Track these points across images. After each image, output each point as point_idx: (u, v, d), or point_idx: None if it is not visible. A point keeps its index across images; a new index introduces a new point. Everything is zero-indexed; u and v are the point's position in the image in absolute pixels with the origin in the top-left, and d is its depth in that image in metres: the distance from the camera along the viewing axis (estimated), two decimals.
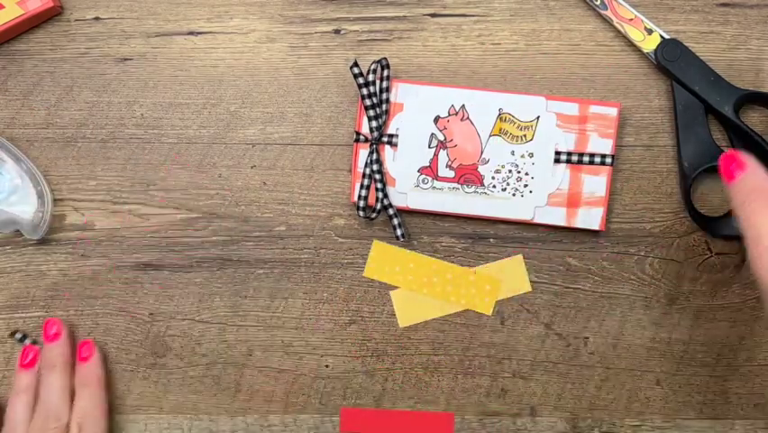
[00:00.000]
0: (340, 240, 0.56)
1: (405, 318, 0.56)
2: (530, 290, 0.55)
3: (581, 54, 0.56)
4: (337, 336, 0.56)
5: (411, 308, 0.56)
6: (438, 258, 0.55)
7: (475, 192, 0.54)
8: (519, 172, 0.54)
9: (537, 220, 0.54)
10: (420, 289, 0.55)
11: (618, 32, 0.56)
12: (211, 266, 0.56)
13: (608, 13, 0.55)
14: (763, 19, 0.56)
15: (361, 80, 0.53)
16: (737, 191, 0.41)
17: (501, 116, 0.54)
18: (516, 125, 0.54)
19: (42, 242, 0.56)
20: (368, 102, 0.53)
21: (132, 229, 0.56)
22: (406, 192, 0.54)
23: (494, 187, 0.54)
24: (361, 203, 0.54)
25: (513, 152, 0.54)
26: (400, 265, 0.55)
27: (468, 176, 0.54)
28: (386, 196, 0.54)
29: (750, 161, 0.42)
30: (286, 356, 0.56)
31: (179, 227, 0.56)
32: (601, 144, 0.54)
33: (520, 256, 0.55)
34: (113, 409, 0.56)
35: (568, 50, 0.56)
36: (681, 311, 0.56)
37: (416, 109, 0.54)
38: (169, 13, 0.56)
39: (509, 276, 0.55)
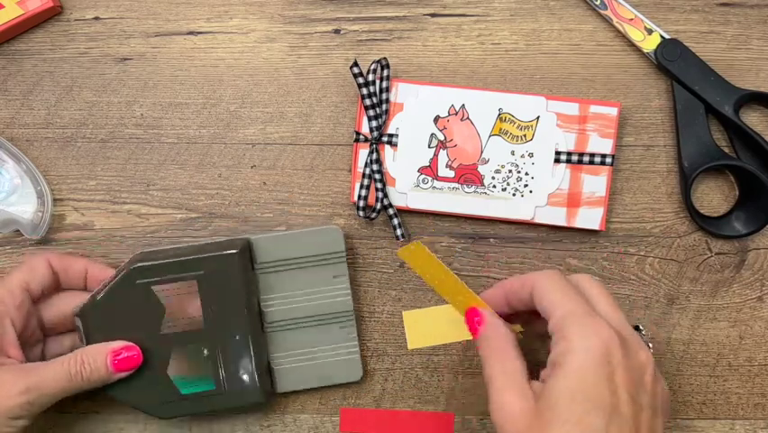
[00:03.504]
0: None
1: (415, 341, 0.55)
2: None
3: (581, 54, 0.56)
4: None
5: (423, 330, 0.55)
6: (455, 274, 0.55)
7: (475, 192, 0.54)
8: (519, 172, 0.54)
9: (537, 220, 0.54)
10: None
11: (618, 31, 0.56)
12: None
13: (607, 13, 0.55)
14: (763, 19, 0.56)
15: (360, 80, 0.53)
16: (480, 345, 0.44)
17: (501, 116, 0.54)
18: (516, 125, 0.54)
19: (42, 242, 0.56)
20: (368, 102, 0.53)
21: (131, 229, 0.56)
22: (406, 192, 0.54)
23: (494, 187, 0.54)
24: (361, 203, 0.54)
25: (513, 152, 0.54)
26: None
27: (468, 176, 0.54)
28: (386, 196, 0.54)
29: (488, 316, 0.45)
30: None
31: (179, 227, 0.56)
32: (601, 144, 0.54)
33: None
34: (113, 410, 0.56)
35: (568, 50, 0.56)
36: (681, 311, 0.56)
37: (415, 109, 0.54)
38: (168, 13, 0.56)
39: None
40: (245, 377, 0.50)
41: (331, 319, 0.54)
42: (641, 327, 0.46)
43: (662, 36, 0.55)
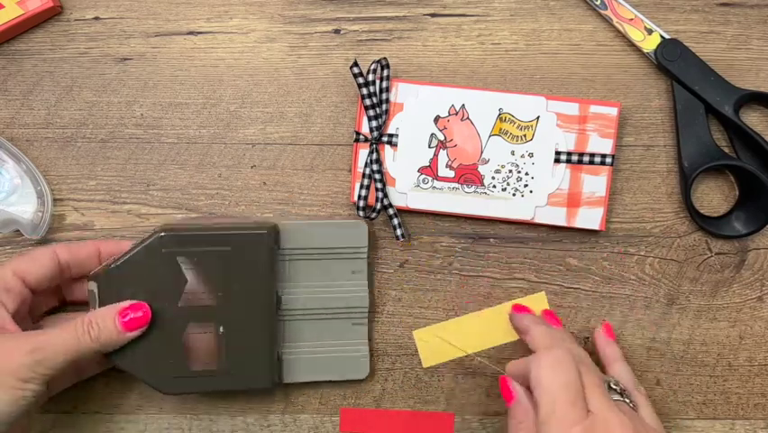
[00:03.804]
0: None
1: (429, 359, 0.55)
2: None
3: (581, 54, 0.56)
4: None
5: (435, 347, 0.55)
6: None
7: (475, 192, 0.54)
8: (519, 172, 0.54)
9: (537, 220, 0.54)
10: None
11: (618, 31, 0.56)
12: None
13: (607, 12, 0.55)
14: (763, 19, 0.56)
15: (360, 80, 0.53)
16: (510, 416, 0.46)
17: (501, 116, 0.54)
18: (516, 125, 0.54)
19: (42, 242, 0.56)
20: (368, 102, 0.53)
21: (131, 229, 0.56)
22: (406, 192, 0.54)
23: (494, 187, 0.54)
24: (361, 203, 0.54)
25: (513, 152, 0.54)
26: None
27: (468, 176, 0.54)
28: (386, 196, 0.54)
29: (516, 391, 0.47)
30: None
31: None
32: (601, 144, 0.54)
33: (543, 294, 0.55)
34: (114, 410, 0.56)
35: (568, 50, 0.56)
36: (681, 311, 0.56)
37: (415, 109, 0.54)
38: (168, 13, 0.56)
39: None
40: (255, 361, 0.50)
41: (345, 314, 0.54)
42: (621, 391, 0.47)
43: (662, 36, 0.55)
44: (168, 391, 0.50)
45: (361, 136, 0.54)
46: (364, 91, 0.53)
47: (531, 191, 0.54)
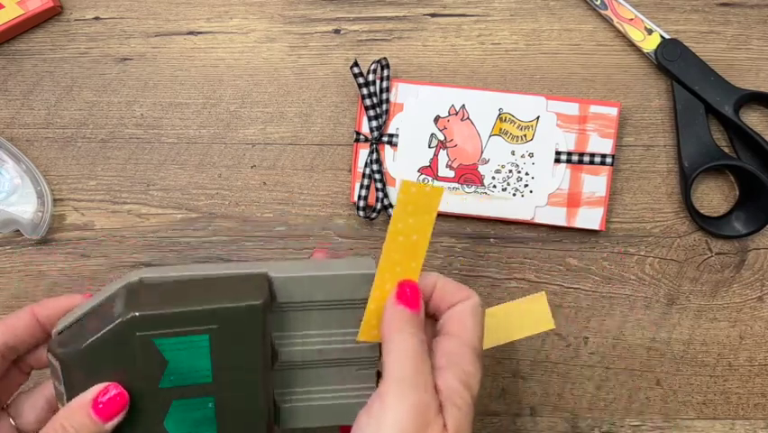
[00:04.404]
0: (340, 240, 0.56)
1: None
2: (554, 327, 0.54)
3: (581, 54, 0.56)
4: None
5: None
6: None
7: (475, 192, 0.54)
8: (519, 172, 0.54)
9: (537, 220, 0.54)
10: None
11: (618, 31, 0.56)
12: None
13: (608, 12, 0.55)
14: (763, 19, 0.56)
15: (361, 80, 0.53)
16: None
17: (501, 116, 0.54)
18: (516, 125, 0.54)
19: (42, 242, 0.56)
20: (368, 102, 0.53)
21: (132, 229, 0.56)
22: None
23: (494, 187, 0.54)
24: (361, 203, 0.54)
25: (513, 152, 0.54)
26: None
27: (468, 176, 0.54)
28: (386, 196, 0.54)
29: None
30: None
31: (179, 227, 0.56)
32: (601, 144, 0.54)
33: (543, 294, 0.55)
34: None
35: (568, 50, 0.56)
36: (681, 311, 0.56)
37: (416, 109, 0.54)
38: (168, 13, 0.56)
39: (532, 313, 0.54)
40: (250, 418, 0.43)
41: (349, 363, 0.46)
42: None
43: (662, 36, 0.55)
44: None
45: (362, 136, 0.54)
46: (364, 91, 0.53)
47: (531, 191, 0.54)
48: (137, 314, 0.40)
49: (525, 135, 0.54)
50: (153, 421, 0.42)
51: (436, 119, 0.54)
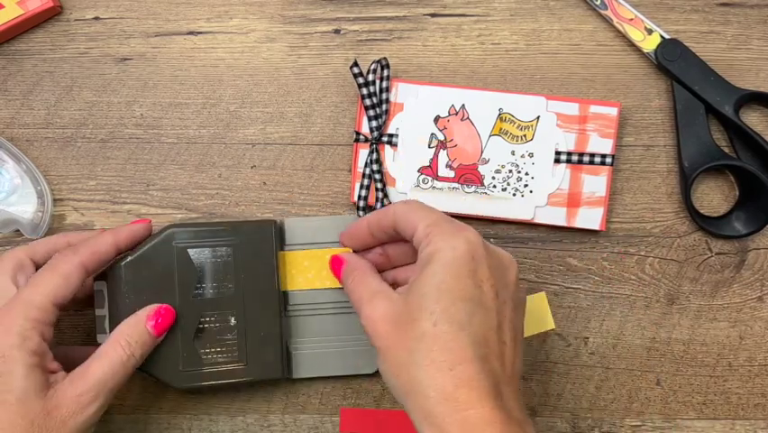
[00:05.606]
0: None
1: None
2: (554, 327, 0.55)
3: (581, 54, 0.56)
4: None
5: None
6: None
7: (475, 192, 0.54)
8: (519, 172, 0.54)
9: (537, 220, 0.54)
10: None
11: (618, 31, 0.56)
12: None
13: (608, 13, 0.55)
14: (763, 19, 0.56)
15: (360, 80, 0.53)
16: (344, 281, 0.48)
17: (501, 116, 0.54)
18: (516, 125, 0.54)
19: None
20: (368, 102, 0.53)
21: None
22: (407, 192, 0.54)
23: (494, 187, 0.54)
24: (361, 203, 0.54)
25: (513, 152, 0.54)
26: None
27: (468, 176, 0.54)
28: (386, 196, 0.54)
29: (347, 255, 0.50)
30: None
31: None
32: (601, 144, 0.54)
33: (543, 294, 0.55)
34: (113, 410, 0.56)
35: (568, 50, 0.56)
36: (681, 311, 0.56)
37: (416, 109, 0.54)
38: (168, 13, 0.56)
39: (532, 313, 0.54)
40: (268, 351, 0.50)
41: (352, 308, 0.51)
42: None
43: (662, 36, 0.55)
44: (180, 385, 0.50)
45: (361, 136, 0.54)
46: (364, 91, 0.53)
47: (531, 191, 0.54)
48: (174, 229, 0.49)
49: (525, 135, 0.54)
50: (185, 332, 0.49)
51: (436, 119, 0.54)
